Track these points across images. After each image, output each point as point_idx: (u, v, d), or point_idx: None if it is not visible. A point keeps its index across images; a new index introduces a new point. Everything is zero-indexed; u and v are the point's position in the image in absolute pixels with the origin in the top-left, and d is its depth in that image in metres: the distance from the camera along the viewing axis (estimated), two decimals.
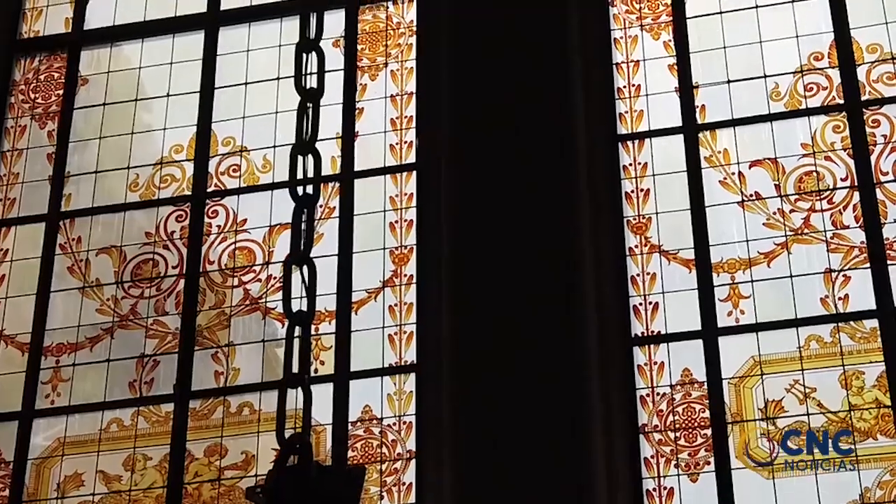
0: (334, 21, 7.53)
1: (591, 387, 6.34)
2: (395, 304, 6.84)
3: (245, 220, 7.26)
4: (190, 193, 7.38)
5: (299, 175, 3.68)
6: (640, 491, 6.26)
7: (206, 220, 7.29)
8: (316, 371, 6.72)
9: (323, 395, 6.61)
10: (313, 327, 6.59)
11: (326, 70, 3.85)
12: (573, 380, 6.32)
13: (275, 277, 7.00)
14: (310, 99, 3.79)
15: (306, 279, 3.56)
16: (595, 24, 7.29)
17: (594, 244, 6.68)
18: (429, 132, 7.17)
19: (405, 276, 6.91)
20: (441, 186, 6.91)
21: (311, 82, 3.78)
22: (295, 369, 3.48)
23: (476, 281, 6.64)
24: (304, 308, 3.54)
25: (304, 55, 3.86)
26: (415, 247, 6.95)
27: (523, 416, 6.25)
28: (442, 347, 6.55)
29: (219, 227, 7.27)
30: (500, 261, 6.63)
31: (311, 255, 3.64)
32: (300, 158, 3.70)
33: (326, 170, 7.11)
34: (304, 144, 3.73)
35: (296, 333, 3.54)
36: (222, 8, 7.91)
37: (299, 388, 3.49)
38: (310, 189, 3.68)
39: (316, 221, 6.91)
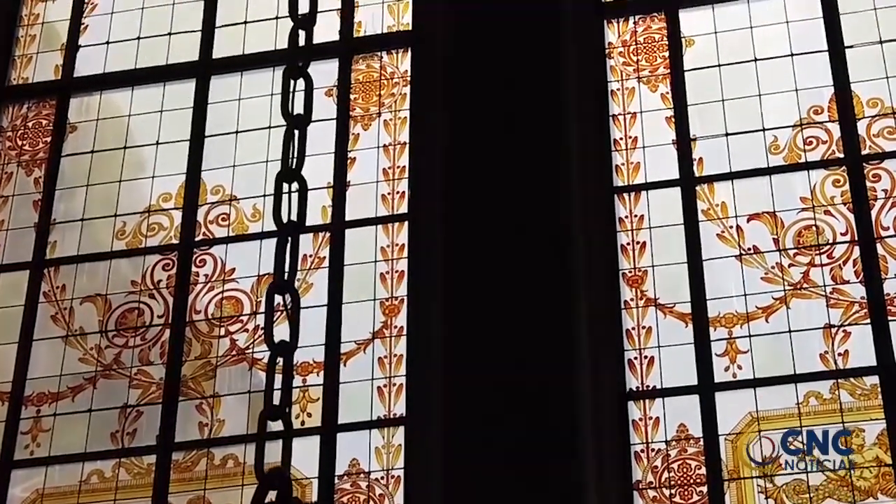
0: (327, 70, 7.44)
1: (585, 442, 6.19)
2: (385, 356, 6.71)
3: (233, 270, 7.13)
4: (177, 242, 7.25)
5: (284, 202, 3.57)
6: None
7: (194, 269, 7.16)
8: (303, 423, 6.59)
9: (309, 448, 6.47)
10: (301, 378, 6.58)
11: (320, 119, 3.76)
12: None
13: (262, 328, 6.85)
14: (297, 125, 3.69)
15: (289, 308, 3.44)
16: (592, 76, 7.20)
17: (588, 298, 6.58)
18: (423, 183, 7.08)
19: (395, 327, 6.77)
20: (436, 234, 6.82)
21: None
22: None
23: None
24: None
25: (292, 81, 3.78)
26: (405, 298, 6.82)
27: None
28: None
29: (206, 276, 7.14)
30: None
31: (303, 305, 3.55)
32: (285, 185, 3.60)
33: (317, 219, 7.01)
34: (290, 172, 3.62)
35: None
36: (214, 56, 7.81)
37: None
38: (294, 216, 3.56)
39: (305, 272, 6.84)
